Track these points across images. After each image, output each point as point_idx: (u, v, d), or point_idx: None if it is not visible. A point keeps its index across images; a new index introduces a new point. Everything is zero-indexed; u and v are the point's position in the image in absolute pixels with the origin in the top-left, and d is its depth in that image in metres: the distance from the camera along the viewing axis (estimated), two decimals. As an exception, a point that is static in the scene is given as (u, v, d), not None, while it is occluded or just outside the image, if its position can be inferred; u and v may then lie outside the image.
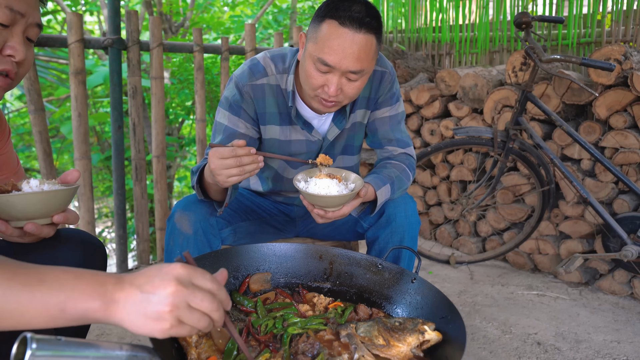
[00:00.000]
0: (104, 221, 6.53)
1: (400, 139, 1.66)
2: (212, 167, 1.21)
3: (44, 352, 0.62)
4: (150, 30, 2.86)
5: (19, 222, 0.96)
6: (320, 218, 1.35)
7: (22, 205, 0.93)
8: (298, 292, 1.26)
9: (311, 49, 1.34)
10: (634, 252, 2.23)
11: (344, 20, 1.28)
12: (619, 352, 2.00)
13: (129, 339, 2.09)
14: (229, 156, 1.19)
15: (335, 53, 1.29)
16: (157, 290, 0.68)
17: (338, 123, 1.57)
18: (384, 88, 1.59)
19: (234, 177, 1.21)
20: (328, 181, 1.31)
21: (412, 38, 4.05)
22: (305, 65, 1.37)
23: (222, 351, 0.96)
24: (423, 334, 1.04)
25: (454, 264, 2.96)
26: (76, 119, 2.64)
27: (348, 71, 1.32)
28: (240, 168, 1.20)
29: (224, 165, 1.19)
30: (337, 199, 1.28)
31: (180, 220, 1.43)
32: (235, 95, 1.50)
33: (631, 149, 2.42)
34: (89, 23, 7.36)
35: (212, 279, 0.74)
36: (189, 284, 0.70)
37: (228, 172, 1.20)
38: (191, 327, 0.71)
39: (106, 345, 0.71)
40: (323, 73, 1.34)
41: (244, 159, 1.20)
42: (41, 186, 0.98)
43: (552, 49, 3.34)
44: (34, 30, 1.01)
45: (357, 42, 1.29)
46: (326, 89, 1.35)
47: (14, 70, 0.98)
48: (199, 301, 0.70)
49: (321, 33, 1.31)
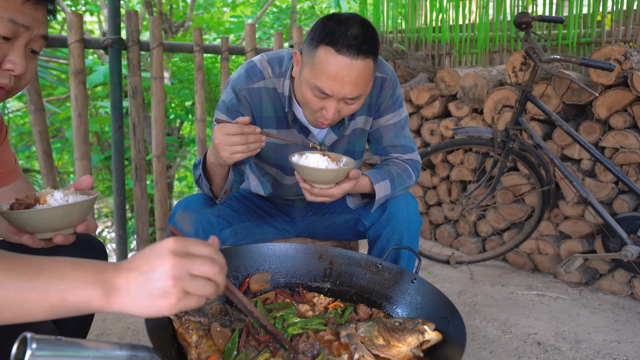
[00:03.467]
0: (104, 221, 6.53)
1: (405, 145, 1.65)
2: (216, 142, 1.23)
3: (44, 352, 0.62)
4: (150, 30, 2.86)
5: (45, 234, 0.96)
6: (309, 194, 1.34)
7: (49, 219, 0.93)
8: (298, 292, 1.26)
9: (307, 74, 1.31)
10: (634, 252, 2.23)
11: (340, 47, 1.24)
12: (619, 352, 2.00)
13: (129, 339, 2.09)
14: (235, 132, 1.21)
15: (333, 81, 1.27)
16: (156, 268, 0.68)
17: (335, 130, 1.56)
18: (385, 95, 1.57)
19: (238, 154, 1.23)
20: (319, 157, 1.30)
21: (412, 38, 4.05)
22: (302, 90, 1.36)
23: (222, 351, 0.96)
24: (423, 334, 1.04)
25: (454, 264, 2.96)
26: (76, 119, 2.64)
27: (346, 98, 1.31)
28: (245, 145, 1.22)
29: (230, 141, 1.21)
30: (323, 172, 1.27)
31: (181, 220, 1.44)
32: (232, 99, 1.50)
33: (631, 149, 2.42)
34: (89, 23, 7.35)
35: (206, 245, 0.74)
36: (185, 254, 0.70)
37: (233, 148, 1.22)
38: (198, 296, 0.70)
39: (106, 345, 0.71)
40: (320, 99, 1.33)
41: (249, 136, 1.22)
42: (65, 198, 0.97)
43: (552, 49, 3.34)
44: (38, 43, 0.98)
45: (354, 69, 1.26)
46: (324, 112, 1.34)
47: (10, 84, 0.95)
48: (199, 267, 0.70)
49: (317, 60, 1.28)
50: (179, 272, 0.68)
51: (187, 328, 0.98)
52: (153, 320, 0.93)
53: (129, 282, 0.68)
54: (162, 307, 0.68)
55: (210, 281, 0.72)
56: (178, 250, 0.69)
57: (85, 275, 0.67)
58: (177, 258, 0.68)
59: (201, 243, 0.73)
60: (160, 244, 0.71)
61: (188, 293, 0.69)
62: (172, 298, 0.67)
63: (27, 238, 0.95)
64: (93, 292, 0.67)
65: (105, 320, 2.25)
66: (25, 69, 0.97)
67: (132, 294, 0.67)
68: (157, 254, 0.69)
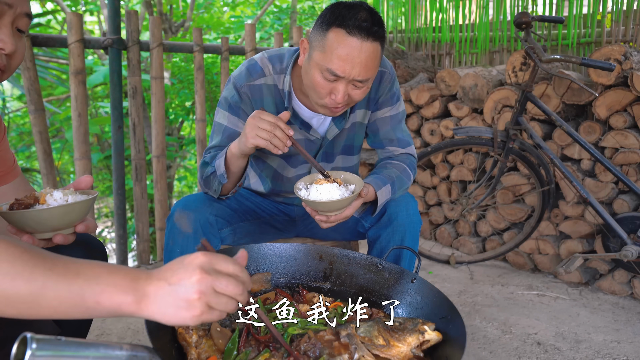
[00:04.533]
0: (103, 221, 6.53)
1: (402, 139, 1.66)
2: (249, 120, 1.30)
3: (44, 352, 0.62)
4: (150, 30, 2.86)
5: (44, 234, 0.96)
6: (323, 223, 1.37)
7: (49, 219, 0.93)
8: (298, 292, 1.26)
9: (318, 58, 1.33)
10: (634, 252, 2.23)
11: (351, 29, 1.27)
12: (619, 352, 2.00)
13: (129, 339, 2.09)
14: (268, 119, 1.27)
15: (344, 62, 1.29)
16: (183, 281, 0.71)
17: (337, 123, 1.57)
18: (384, 88, 1.59)
19: (260, 139, 1.28)
20: (329, 186, 1.31)
21: (412, 38, 4.05)
22: (311, 74, 1.37)
23: (222, 351, 0.96)
24: (423, 334, 1.04)
25: (454, 264, 2.96)
26: (76, 119, 2.64)
27: (355, 80, 1.32)
28: (270, 134, 1.27)
29: (260, 124, 1.28)
30: (339, 202, 1.29)
31: (180, 219, 1.44)
32: (234, 96, 1.52)
33: (631, 149, 2.42)
34: (89, 23, 7.35)
35: (233, 262, 0.77)
36: (212, 271, 0.73)
37: (260, 132, 1.27)
38: (220, 311, 0.74)
39: (106, 345, 0.71)
40: (330, 82, 1.34)
41: (277, 130, 1.27)
42: (65, 198, 0.97)
43: (552, 49, 3.34)
44: (23, 21, 0.98)
45: (364, 51, 1.29)
46: (333, 96, 1.36)
47: (3, 62, 0.96)
48: (224, 286, 0.73)
49: (328, 42, 1.30)
50: (204, 288, 0.71)
51: (187, 328, 0.98)
52: (153, 321, 0.93)
53: (157, 291, 0.71)
54: (186, 317, 0.71)
55: (233, 299, 0.75)
56: (205, 266, 0.73)
57: (120, 281, 0.71)
58: (203, 274, 0.72)
59: (228, 260, 0.77)
60: (190, 257, 0.74)
61: (211, 307, 0.73)
62: (196, 310, 0.71)
63: (27, 238, 0.95)
64: (125, 298, 0.70)
65: (105, 320, 2.25)
66: (15, 47, 0.97)
67: (160, 303, 0.71)
68: (186, 267, 0.73)
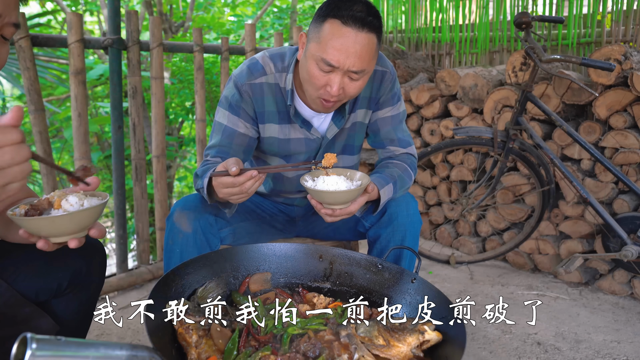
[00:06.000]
0: (104, 221, 6.53)
1: (402, 139, 1.66)
2: (220, 196, 1.30)
3: (44, 352, 0.62)
4: (150, 30, 2.86)
5: (60, 238, 0.96)
6: (328, 217, 1.36)
7: (66, 225, 0.94)
8: (298, 292, 1.26)
9: (313, 49, 1.34)
10: (634, 252, 2.23)
11: (346, 19, 1.28)
12: (619, 352, 2.00)
13: (129, 339, 2.09)
14: (231, 186, 1.24)
15: (339, 52, 1.30)
16: None
17: (337, 122, 1.57)
18: (384, 88, 1.59)
19: (242, 199, 1.30)
20: (336, 178, 1.31)
21: (412, 38, 4.04)
22: (307, 66, 1.37)
23: (222, 351, 0.96)
24: (423, 334, 1.04)
25: (454, 264, 2.96)
26: (76, 119, 2.64)
27: (350, 71, 1.32)
28: (245, 194, 1.27)
29: (229, 193, 1.26)
30: (346, 194, 1.28)
31: (179, 219, 1.44)
32: (234, 94, 1.51)
33: (631, 149, 2.42)
34: (89, 23, 7.35)
35: None
36: None
37: (235, 197, 1.28)
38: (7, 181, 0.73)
39: (106, 345, 0.71)
40: (325, 73, 1.34)
41: (245, 184, 1.24)
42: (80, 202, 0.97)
43: (552, 49, 3.34)
44: (9, 30, 0.97)
45: (359, 42, 1.30)
46: (328, 88, 1.35)
47: None
48: None
49: (323, 33, 1.31)
50: None
51: (187, 328, 0.98)
52: (153, 321, 0.93)
53: None
54: None
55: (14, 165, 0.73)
56: None
57: None
58: None
59: None
60: None
61: None
62: None
63: (42, 243, 0.95)
64: None
65: (105, 321, 2.24)
66: None
67: None
68: None
